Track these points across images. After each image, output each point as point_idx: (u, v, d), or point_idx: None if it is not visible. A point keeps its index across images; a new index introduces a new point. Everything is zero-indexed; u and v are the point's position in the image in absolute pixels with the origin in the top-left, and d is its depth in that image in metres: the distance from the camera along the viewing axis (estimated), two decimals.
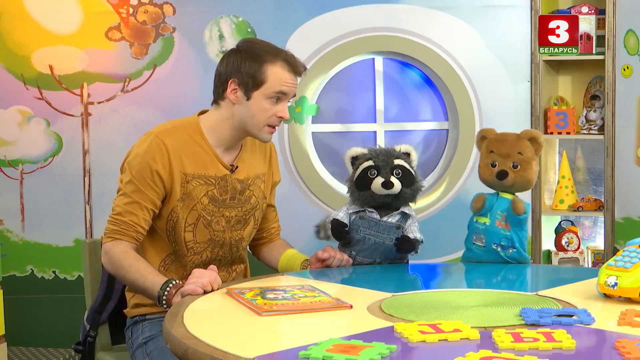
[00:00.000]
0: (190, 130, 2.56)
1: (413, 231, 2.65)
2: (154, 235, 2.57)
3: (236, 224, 2.61)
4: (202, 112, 2.63)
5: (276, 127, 2.55)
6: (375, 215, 2.66)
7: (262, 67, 2.48)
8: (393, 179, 2.63)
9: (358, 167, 2.68)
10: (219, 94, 2.56)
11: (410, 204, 2.71)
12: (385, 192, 2.63)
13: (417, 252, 2.66)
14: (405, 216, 2.68)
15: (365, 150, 2.71)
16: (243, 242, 2.65)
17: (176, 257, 2.58)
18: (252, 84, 2.49)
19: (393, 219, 2.66)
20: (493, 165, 2.66)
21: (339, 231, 2.67)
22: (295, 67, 2.53)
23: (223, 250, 2.61)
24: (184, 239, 2.55)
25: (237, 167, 2.59)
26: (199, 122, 2.58)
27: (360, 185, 2.66)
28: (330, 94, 4.28)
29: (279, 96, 2.50)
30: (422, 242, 2.65)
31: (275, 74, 2.49)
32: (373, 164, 2.66)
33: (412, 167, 2.69)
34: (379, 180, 2.63)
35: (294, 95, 2.57)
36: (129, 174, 2.50)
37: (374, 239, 2.65)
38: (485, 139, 2.71)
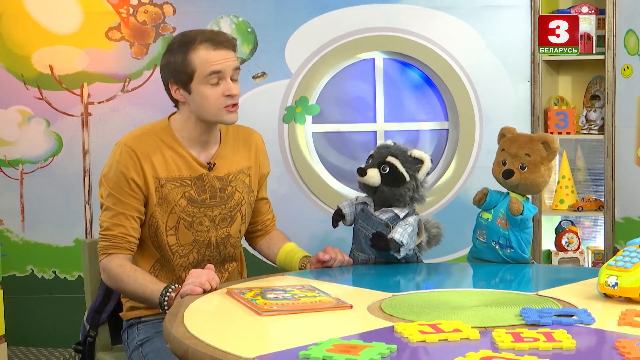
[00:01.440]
0: (160, 134, 2.55)
1: (397, 232, 2.59)
2: (140, 245, 2.56)
3: (221, 222, 2.59)
4: (174, 114, 2.61)
5: (237, 105, 2.51)
6: (371, 209, 2.67)
7: (187, 58, 2.46)
8: (370, 170, 2.62)
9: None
10: (171, 99, 2.56)
11: (406, 207, 2.67)
12: (359, 178, 2.64)
13: (397, 254, 2.60)
14: (402, 219, 2.64)
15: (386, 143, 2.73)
16: (230, 239, 2.63)
17: (164, 263, 2.58)
18: (185, 78, 2.47)
19: (384, 215, 2.65)
20: (503, 164, 2.66)
21: (335, 220, 2.74)
22: (217, 43, 2.48)
23: (210, 249, 2.59)
24: (168, 243, 2.54)
25: (214, 164, 2.57)
26: (169, 124, 2.57)
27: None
28: (330, 94, 4.28)
29: (215, 78, 2.46)
30: (402, 245, 2.57)
31: (200, 58, 2.45)
32: (372, 153, 2.69)
33: (407, 171, 2.63)
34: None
35: (238, 69, 2.51)
36: (106, 188, 2.50)
37: (364, 232, 2.66)
38: (504, 136, 2.72)
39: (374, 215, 2.65)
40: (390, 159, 2.63)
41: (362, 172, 2.63)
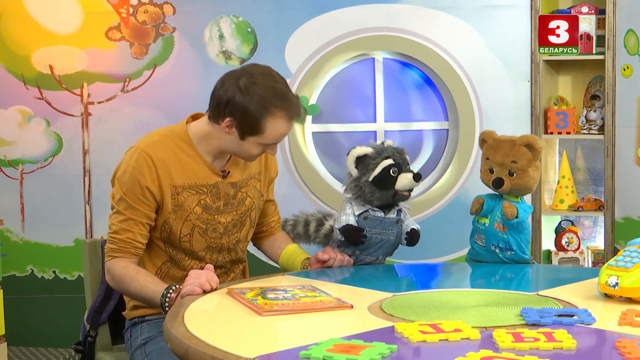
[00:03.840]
0: (177, 140, 2.52)
1: (412, 223, 2.70)
2: (150, 244, 2.56)
3: (233, 228, 2.60)
4: (193, 116, 2.59)
5: None
6: (379, 214, 2.66)
7: (264, 119, 2.40)
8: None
9: (374, 167, 2.62)
10: (214, 117, 2.46)
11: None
12: (415, 185, 2.64)
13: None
14: (401, 211, 2.70)
15: (369, 149, 2.66)
16: (240, 244, 2.65)
17: (173, 263, 2.58)
18: (248, 131, 2.42)
19: (393, 214, 2.68)
20: (491, 171, 2.64)
21: (356, 236, 2.63)
22: (293, 117, 2.45)
23: (222, 255, 2.60)
24: (181, 248, 2.55)
25: (229, 172, 2.57)
26: (187, 130, 2.53)
27: (382, 184, 2.62)
28: (330, 94, 4.28)
29: (272, 144, 2.49)
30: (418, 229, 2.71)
31: (275, 127, 2.42)
32: (393, 162, 2.63)
33: None
34: (408, 175, 2.62)
35: None
36: (119, 191, 2.48)
37: (380, 237, 2.66)
38: (484, 142, 2.69)
39: (386, 218, 2.67)
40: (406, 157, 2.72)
41: (419, 176, 2.65)
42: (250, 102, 2.39)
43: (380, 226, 2.66)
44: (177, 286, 2.35)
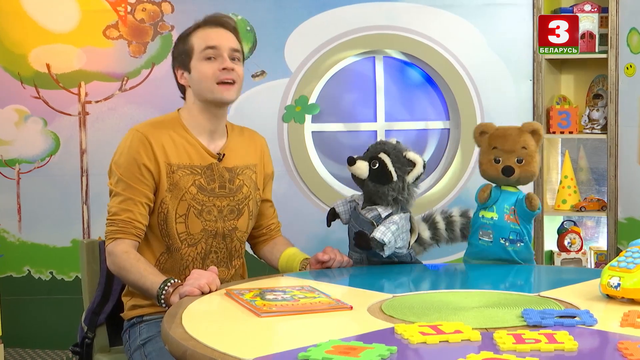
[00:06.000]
0: (171, 124, 2.60)
1: (379, 231, 2.56)
2: (147, 235, 2.56)
3: (229, 214, 2.61)
4: (179, 109, 2.68)
5: (231, 83, 2.56)
6: (360, 208, 2.66)
7: (188, 40, 2.59)
8: (360, 161, 2.62)
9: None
10: (179, 89, 2.66)
11: (389, 207, 2.64)
12: (348, 167, 2.64)
13: (382, 253, 2.57)
14: (381, 216, 2.63)
15: (366, 166, 2.67)
16: (237, 232, 2.64)
17: (170, 254, 2.57)
18: (186, 59, 2.58)
19: (369, 214, 2.64)
20: (497, 161, 2.63)
21: (329, 219, 2.75)
22: (214, 22, 2.61)
23: (217, 240, 2.60)
24: (177, 230, 2.54)
25: (224, 155, 2.60)
26: (179, 115, 2.63)
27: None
28: (331, 93, 4.27)
29: (211, 53, 2.55)
30: (385, 244, 2.54)
31: (198, 37, 2.58)
32: (369, 147, 2.68)
33: (396, 171, 2.61)
34: (365, 163, 2.64)
35: (237, 51, 2.59)
36: (116, 174, 2.53)
37: (354, 231, 2.64)
38: (485, 134, 2.67)
39: (361, 214, 2.65)
40: (382, 155, 2.62)
41: (351, 161, 2.63)
42: (176, 42, 2.65)
43: (356, 220, 2.67)
44: (176, 280, 2.35)
